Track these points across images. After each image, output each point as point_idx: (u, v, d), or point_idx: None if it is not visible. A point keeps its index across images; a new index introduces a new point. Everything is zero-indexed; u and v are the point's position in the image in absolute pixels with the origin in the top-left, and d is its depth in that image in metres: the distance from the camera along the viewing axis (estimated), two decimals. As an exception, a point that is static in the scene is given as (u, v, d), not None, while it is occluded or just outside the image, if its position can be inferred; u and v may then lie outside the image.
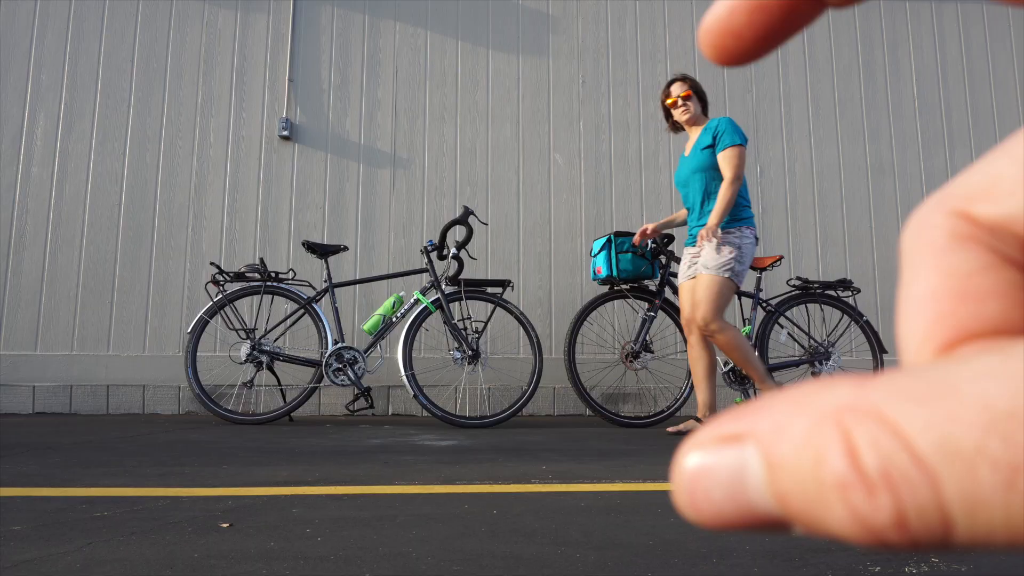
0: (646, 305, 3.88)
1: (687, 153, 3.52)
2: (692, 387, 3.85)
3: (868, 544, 0.11)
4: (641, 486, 1.91)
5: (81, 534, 1.33)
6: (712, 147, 3.35)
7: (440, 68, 4.94)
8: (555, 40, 5.04)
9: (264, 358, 3.75)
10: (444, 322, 3.82)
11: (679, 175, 3.55)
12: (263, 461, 2.34)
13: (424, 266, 3.89)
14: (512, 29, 5.02)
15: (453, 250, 3.85)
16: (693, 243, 3.46)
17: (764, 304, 3.92)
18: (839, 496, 0.11)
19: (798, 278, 4.01)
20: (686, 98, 3.44)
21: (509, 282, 3.89)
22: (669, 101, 3.48)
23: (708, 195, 3.37)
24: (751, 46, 0.17)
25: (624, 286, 3.87)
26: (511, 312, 3.84)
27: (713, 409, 3.38)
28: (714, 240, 3.25)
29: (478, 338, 3.83)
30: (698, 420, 3.43)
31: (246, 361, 3.74)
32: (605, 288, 4.00)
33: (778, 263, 4.01)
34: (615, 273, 3.81)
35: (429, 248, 3.87)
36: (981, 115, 5.24)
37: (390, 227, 4.73)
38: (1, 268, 4.46)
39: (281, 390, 3.88)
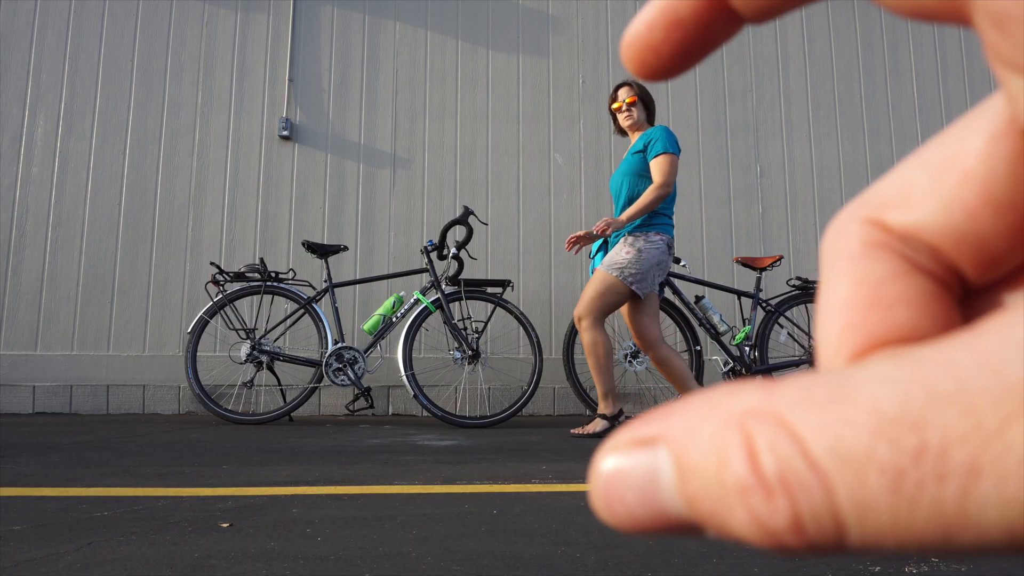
0: None
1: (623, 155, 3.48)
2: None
3: (770, 548, 0.11)
4: (641, 486, 1.91)
5: (81, 534, 1.33)
6: (643, 152, 3.27)
7: (440, 68, 4.94)
8: (555, 40, 5.04)
9: (264, 358, 3.75)
10: (444, 322, 3.82)
11: (612, 179, 3.46)
12: (263, 461, 2.34)
13: (424, 266, 3.89)
14: (512, 29, 5.02)
15: (453, 250, 3.85)
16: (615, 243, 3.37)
17: (764, 304, 3.93)
18: (740, 500, 0.11)
19: (798, 278, 4.02)
20: (631, 104, 3.36)
21: (509, 282, 3.89)
22: (615, 106, 3.38)
23: (631, 199, 3.28)
24: (670, 62, 0.17)
25: None
26: (511, 312, 3.84)
27: (614, 401, 3.27)
28: (621, 241, 3.19)
29: (478, 338, 3.83)
30: (604, 416, 3.26)
31: (246, 361, 3.74)
32: None
33: (778, 263, 4.01)
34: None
35: (429, 248, 3.87)
36: (981, 115, 5.24)
37: (390, 227, 4.73)
38: (1, 268, 4.46)
39: (281, 390, 3.88)
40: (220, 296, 3.75)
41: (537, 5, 5.06)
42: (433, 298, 3.81)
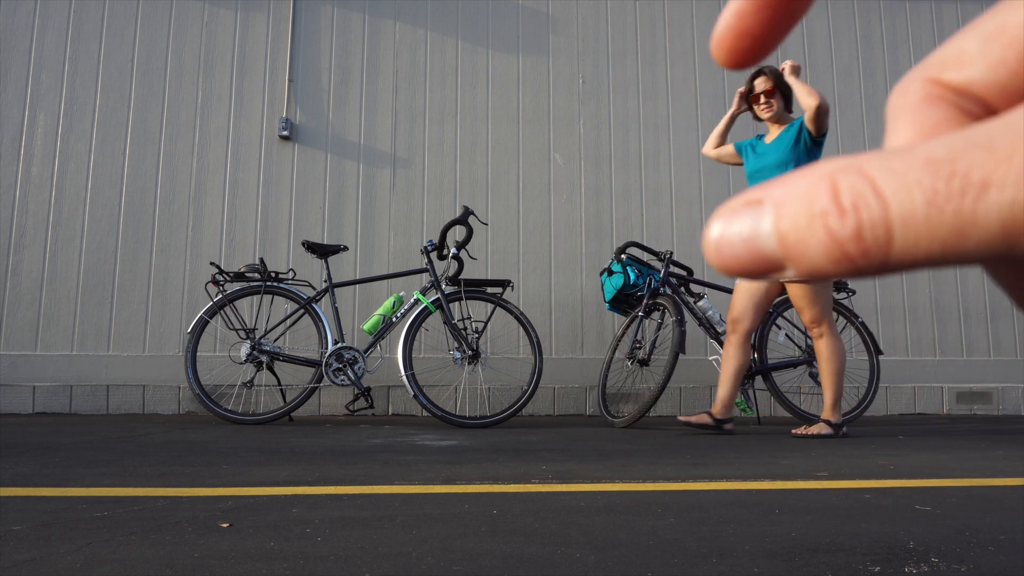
0: (657, 314, 3.87)
1: (768, 141, 3.44)
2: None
3: (834, 266, 0.15)
4: (641, 486, 1.91)
5: (81, 534, 1.33)
6: (797, 144, 3.28)
7: (440, 68, 4.93)
8: (555, 40, 5.04)
9: (264, 358, 3.75)
10: (444, 322, 3.82)
11: (757, 164, 3.44)
12: (263, 461, 2.34)
13: (424, 266, 3.89)
14: (512, 29, 5.02)
15: (453, 250, 3.85)
16: None
17: None
18: (821, 223, 0.15)
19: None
20: (769, 94, 3.37)
21: (509, 282, 3.89)
22: (752, 96, 3.43)
23: None
24: (761, 43, 0.20)
25: (632, 310, 3.93)
26: (511, 312, 3.84)
27: (729, 409, 3.35)
28: None
29: (478, 338, 3.82)
30: (709, 414, 3.33)
31: (246, 361, 3.74)
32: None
33: None
34: (606, 303, 3.99)
35: (429, 248, 3.87)
36: (981, 115, 5.24)
37: (390, 227, 4.73)
38: (1, 268, 4.46)
39: (281, 390, 3.88)
40: (220, 296, 3.75)
41: (537, 5, 5.06)
42: (433, 298, 3.80)
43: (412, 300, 3.82)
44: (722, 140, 3.71)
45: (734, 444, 2.95)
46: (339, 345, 3.75)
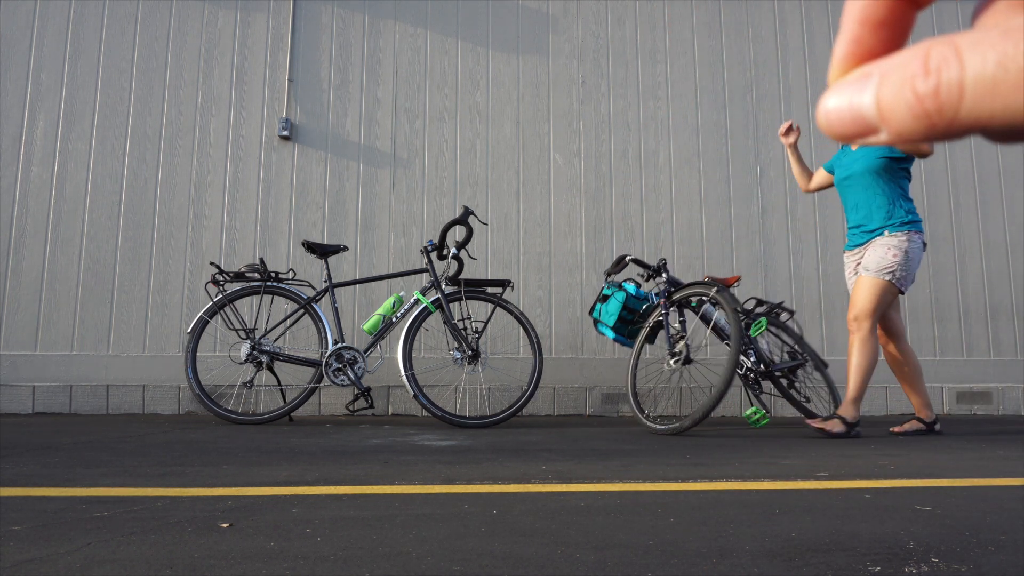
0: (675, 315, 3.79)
1: (854, 148, 3.46)
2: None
3: (915, 122, 0.19)
4: (641, 486, 1.91)
5: (81, 534, 1.33)
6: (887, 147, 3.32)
7: (440, 68, 4.93)
8: (555, 40, 5.04)
9: (264, 358, 3.75)
10: (444, 322, 3.82)
11: (845, 172, 3.51)
12: (263, 461, 2.34)
13: (424, 266, 3.89)
14: (512, 29, 5.02)
15: (453, 250, 3.85)
16: (853, 247, 3.52)
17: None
18: (909, 84, 0.19)
19: (754, 298, 3.98)
20: None
21: (509, 282, 3.89)
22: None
23: (891, 201, 3.36)
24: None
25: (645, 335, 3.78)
26: (511, 312, 3.84)
27: (930, 407, 3.50)
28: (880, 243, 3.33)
29: (478, 338, 3.82)
30: (921, 420, 3.50)
31: (246, 361, 3.74)
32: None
33: (737, 284, 3.93)
34: (609, 330, 3.83)
35: (429, 248, 3.87)
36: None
37: (390, 227, 4.73)
38: (1, 268, 4.46)
39: (281, 390, 3.88)
40: (220, 296, 3.75)
41: (537, 5, 5.06)
42: (433, 298, 3.80)
43: (412, 300, 3.82)
44: (806, 170, 3.81)
45: (734, 444, 2.95)
46: (339, 345, 3.75)
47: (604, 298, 3.91)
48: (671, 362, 3.63)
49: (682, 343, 3.58)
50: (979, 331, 5.01)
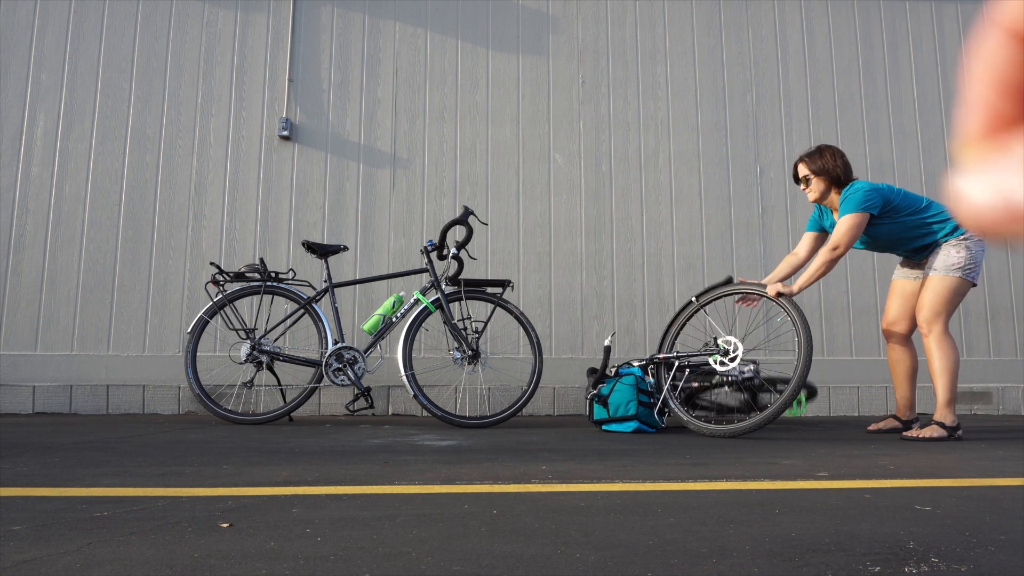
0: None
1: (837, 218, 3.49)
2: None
3: None
4: (641, 486, 1.91)
5: (81, 534, 1.33)
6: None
7: (440, 68, 4.94)
8: (555, 40, 5.04)
9: (264, 358, 3.75)
10: (444, 322, 3.82)
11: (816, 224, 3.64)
12: (263, 461, 2.34)
13: (424, 266, 3.89)
14: (512, 29, 5.02)
15: (453, 250, 3.85)
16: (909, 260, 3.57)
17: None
18: None
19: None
20: (806, 179, 3.49)
21: (509, 282, 3.89)
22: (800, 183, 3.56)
23: (921, 223, 3.36)
24: (1013, 125, 0.20)
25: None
26: (511, 312, 3.84)
27: (913, 408, 3.55)
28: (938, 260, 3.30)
29: (478, 338, 3.82)
30: (897, 418, 3.56)
31: (246, 361, 3.74)
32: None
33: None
34: (643, 427, 3.44)
35: (429, 248, 3.87)
36: (981, 115, 5.23)
37: (390, 227, 4.73)
38: (1, 268, 4.46)
39: (281, 390, 3.88)
40: (220, 296, 3.76)
41: (537, 5, 5.06)
42: (433, 298, 3.80)
43: (412, 300, 3.82)
44: (792, 263, 3.63)
45: (734, 444, 2.95)
46: (339, 345, 3.76)
47: (608, 386, 3.50)
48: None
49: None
50: (979, 331, 5.01)
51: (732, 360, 3.40)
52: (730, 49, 5.15)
